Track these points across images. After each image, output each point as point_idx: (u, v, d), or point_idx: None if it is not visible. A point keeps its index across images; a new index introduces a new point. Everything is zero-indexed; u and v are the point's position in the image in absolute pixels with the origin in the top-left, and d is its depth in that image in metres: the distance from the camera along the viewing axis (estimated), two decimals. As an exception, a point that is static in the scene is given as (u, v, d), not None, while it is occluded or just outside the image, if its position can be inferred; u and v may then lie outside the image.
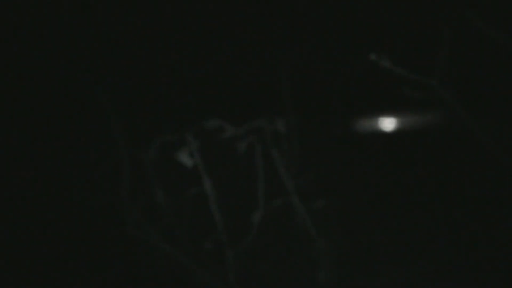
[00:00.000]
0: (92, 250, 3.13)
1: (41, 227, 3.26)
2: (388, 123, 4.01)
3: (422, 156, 3.74)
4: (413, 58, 2.84)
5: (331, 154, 3.74)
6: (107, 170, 3.08)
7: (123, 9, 3.76)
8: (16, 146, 3.48)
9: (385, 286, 2.74)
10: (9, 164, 3.46)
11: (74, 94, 3.60)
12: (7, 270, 3.04)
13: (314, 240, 2.61)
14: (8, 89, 3.60)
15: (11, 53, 3.63)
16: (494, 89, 3.53)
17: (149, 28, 3.82)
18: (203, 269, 2.67)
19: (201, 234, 2.61)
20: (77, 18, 3.68)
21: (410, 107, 3.86)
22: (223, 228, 2.57)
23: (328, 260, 2.62)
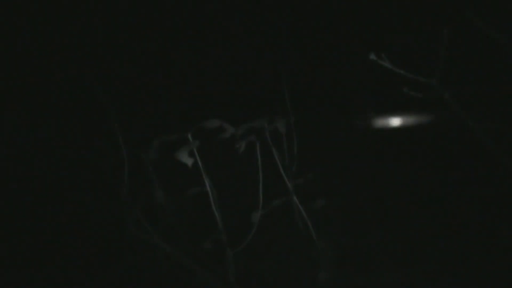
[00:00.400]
0: (92, 250, 3.14)
1: (41, 227, 3.26)
2: (387, 123, 4.01)
3: (422, 156, 3.74)
4: (413, 58, 2.84)
5: (330, 154, 3.74)
6: (107, 170, 3.08)
7: (124, 10, 3.76)
8: (17, 147, 3.48)
9: (385, 286, 2.74)
10: (10, 164, 3.46)
11: (75, 95, 3.60)
12: (8, 270, 3.04)
13: (314, 240, 2.61)
14: (9, 90, 3.59)
15: (14, 54, 3.62)
16: (494, 89, 3.53)
17: (150, 29, 3.81)
18: (203, 269, 2.67)
19: (201, 234, 2.61)
20: (78, 19, 3.68)
21: (409, 107, 3.86)
22: (223, 228, 2.57)
23: (328, 260, 2.62)
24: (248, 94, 3.84)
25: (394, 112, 3.96)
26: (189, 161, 2.42)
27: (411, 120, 3.92)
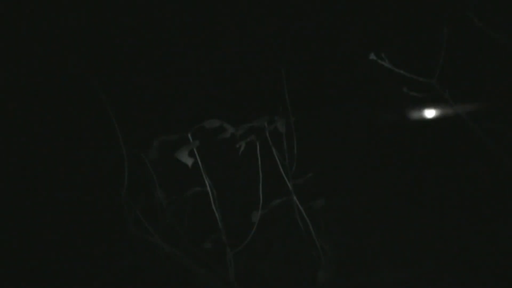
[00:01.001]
0: (92, 249, 3.14)
1: (41, 227, 3.26)
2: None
3: (422, 156, 3.74)
4: (413, 58, 2.84)
5: (330, 154, 3.74)
6: (107, 170, 3.08)
7: (124, 10, 3.76)
8: (17, 147, 3.48)
9: (385, 286, 2.74)
10: (10, 164, 3.47)
11: (75, 95, 3.60)
12: (7, 269, 3.04)
13: (314, 240, 2.61)
14: (9, 90, 3.60)
15: (14, 54, 3.63)
16: (494, 89, 3.53)
17: (150, 29, 3.82)
18: (203, 269, 2.67)
19: (201, 234, 2.61)
20: (79, 18, 3.68)
21: (409, 107, 3.86)
22: (223, 228, 2.57)
23: (328, 260, 2.62)
24: (248, 94, 3.84)
25: (394, 112, 3.96)
26: (189, 161, 2.42)
27: (411, 120, 3.92)
